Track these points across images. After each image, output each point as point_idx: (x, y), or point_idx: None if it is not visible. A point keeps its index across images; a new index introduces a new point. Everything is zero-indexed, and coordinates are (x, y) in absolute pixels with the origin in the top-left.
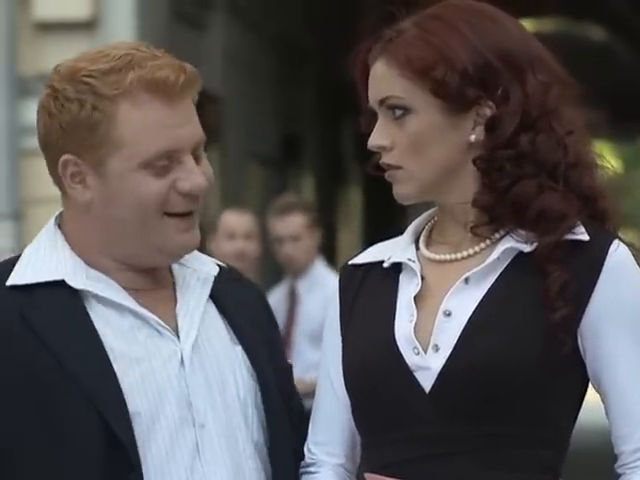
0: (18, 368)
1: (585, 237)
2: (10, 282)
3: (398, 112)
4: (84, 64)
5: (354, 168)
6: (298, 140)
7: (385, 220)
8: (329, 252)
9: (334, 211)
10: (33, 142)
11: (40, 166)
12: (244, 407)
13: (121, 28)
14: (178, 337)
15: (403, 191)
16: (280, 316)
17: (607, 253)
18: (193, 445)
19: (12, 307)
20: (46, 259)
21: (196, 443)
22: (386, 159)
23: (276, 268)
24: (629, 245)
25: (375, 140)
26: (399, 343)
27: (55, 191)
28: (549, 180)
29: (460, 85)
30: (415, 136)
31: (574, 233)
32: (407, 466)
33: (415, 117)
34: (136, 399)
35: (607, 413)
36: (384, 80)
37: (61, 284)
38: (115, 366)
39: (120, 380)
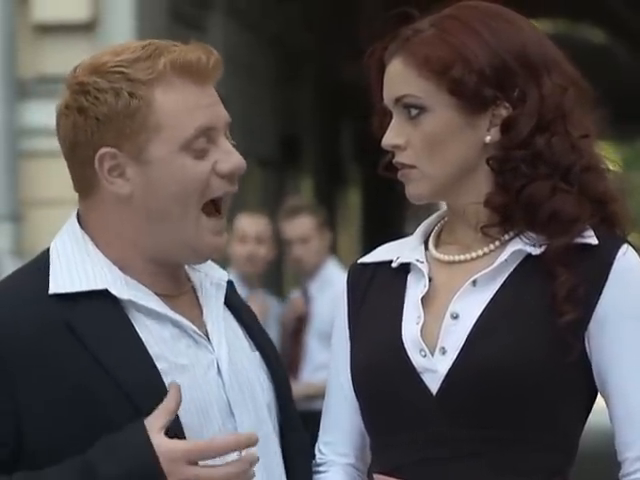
0: (67, 382)
1: (594, 241)
2: (52, 290)
3: (414, 111)
4: (107, 58)
5: (353, 169)
6: (297, 141)
7: (384, 222)
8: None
9: (333, 212)
10: (32, 144)
11: (39, 168)
12: (270, 413)
13: (120, 30)
14: (210, 344)
15: (416, 191)
16: None
17: (615, 258)
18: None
19: (57, 317)
20: (79, 266)
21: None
22: (400, 158)
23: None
24: (636, 249)
25: (389, 139)
26: (406, 345)
27: (54, 193)
28: (562, 183)
29: (477, 85)
30: (430, 135)
31: (583, 237)
32: (414, 468)
33: (431, 116)
34: (185, 412)
35: (611, 418)
36: (401, 79)
37: (102, 293)
38: (163, 377)
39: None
